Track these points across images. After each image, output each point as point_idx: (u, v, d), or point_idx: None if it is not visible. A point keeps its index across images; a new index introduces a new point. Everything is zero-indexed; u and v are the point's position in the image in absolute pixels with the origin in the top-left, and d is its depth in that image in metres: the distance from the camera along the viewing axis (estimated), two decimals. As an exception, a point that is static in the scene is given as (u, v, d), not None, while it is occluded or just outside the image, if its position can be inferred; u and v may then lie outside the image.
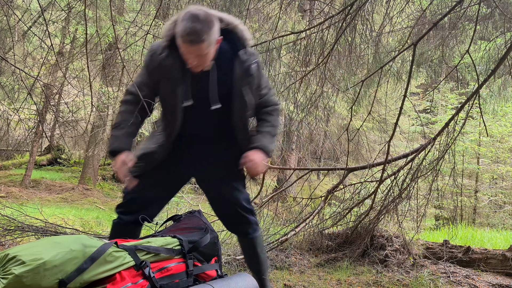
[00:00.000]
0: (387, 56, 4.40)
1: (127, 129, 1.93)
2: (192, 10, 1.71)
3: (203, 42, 1.70)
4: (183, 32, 1.68)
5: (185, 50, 1.73)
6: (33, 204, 5.54)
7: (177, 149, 2.01)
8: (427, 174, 3.69)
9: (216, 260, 1.79)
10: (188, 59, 1.76)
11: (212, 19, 1.73)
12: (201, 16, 1.69)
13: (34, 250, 1.29)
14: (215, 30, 1.74)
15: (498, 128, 11.56)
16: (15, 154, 13.49)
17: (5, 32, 4.68)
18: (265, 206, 4.67)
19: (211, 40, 1.73)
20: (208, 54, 1.76)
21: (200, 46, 1.70)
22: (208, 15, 1.72)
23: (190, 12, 1.70)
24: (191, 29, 1.67)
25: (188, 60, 1.77)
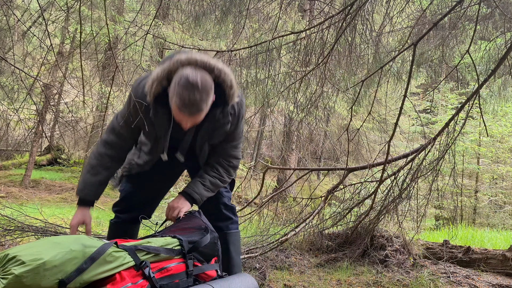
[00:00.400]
0: (387, 56, 4.40)
1: (101, 177, 1.91)
2: (190, 76, 1.60)
3: (202, 112, 1.66)
4: (181, 102, 1.60)
5: (181, 118, 1.68)
6: (33, 204, 5.54)
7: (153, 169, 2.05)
8: (427, 174, 3.69)
9: (216, 260, 1.79)
10: (182, 123, 1.72)
11: (210, 84, 1.65)
12: (199, 84, 1.60)
13: (34, 250, 1.29)
14: (212, 95, 1.68)
15: (498, 128, 11.56)
16: (15, 154, 13.48)
17: (4, 32, 4.68)
18: (265, 206, 4.67)
19: (208, 105, 1.68)
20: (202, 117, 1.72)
21: (198, 115, 1.67)
22: (206, 82, 1.63)
23: (188, 80, 1.60)
24: (190, 101, 1.59)
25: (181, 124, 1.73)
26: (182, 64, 1.66)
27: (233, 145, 1.99)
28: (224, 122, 1.84)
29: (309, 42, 4.32)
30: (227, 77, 1.72)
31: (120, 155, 1.98)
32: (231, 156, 2.02)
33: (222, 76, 1.71)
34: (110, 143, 1.93)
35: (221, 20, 4.36)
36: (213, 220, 2.11)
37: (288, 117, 10.45)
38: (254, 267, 3.19)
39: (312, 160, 13.66)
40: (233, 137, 1.96)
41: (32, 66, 6.85)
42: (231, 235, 2.14)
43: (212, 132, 1.88)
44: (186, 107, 1.61)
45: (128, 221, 2.11)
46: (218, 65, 1.71)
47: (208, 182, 1.97)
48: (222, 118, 1.83)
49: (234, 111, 1.87)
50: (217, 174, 2.00)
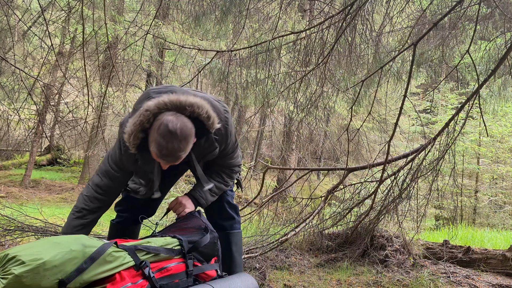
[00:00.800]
0: (387, 56, 4.40)
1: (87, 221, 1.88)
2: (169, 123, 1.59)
3: (180, 158, 1.66)
4: (158, 152, 1.60)
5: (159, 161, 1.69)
6: (33, 204, 5.54)
7: None
8: (427, 174, 3.69)
9: (216, 260, 1.79)
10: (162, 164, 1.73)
11: (190, 131, 1.64)
12: (178, 132, 1.59)
13: (34, 250, 1.29)
14: (192, 140, 1.67)
15: (498, 128, 11.56)
16: (15, 154, 13.49)
17: (5, 32, 4.68)
18: (265, 206, 4.67)
19: (188, 150, 1.68)
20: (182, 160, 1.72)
21: (176, 162, 1.67)
22: (186, 128, 1.62)
23: (167, 128, 1.58)
24: (167, 149, 1.59)
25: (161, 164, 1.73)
26: (152, 112, 1.63)
27: (230, 157, 2.01)
28: (212, 149, 1.86)
29: (309, 42, 4.32)
30: (201, 110, 1.69)
31: (110, 200, 1.95)
32: (231, 165, 2.05)
33: (196, 111, 1.68)
34: (102, 187, 1.89)
35: (221, 20, 4.36)
36: (217, 219, 2.13)
37: (288, 117, 10.45)
38: (254, 267, 3.19)
39: (312, 160, 13.66)
40: (226, 153, 1.97)
41: (33, 66, 6.86)
42: (233, 235, 2.15)
43: (202, 157, 1.90)
44: (164, 157, 1.62)
45: (129, 221, 2.12)
46: (189, 100, 1.67)
47: (214, 188, 2.00)
48: (208, 147, 1.84)
49: (220, 133, 1.86)
50: (222, 180, 2.03)
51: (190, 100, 1.68)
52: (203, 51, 4.95)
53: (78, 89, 5.20)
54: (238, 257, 2.17)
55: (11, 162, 13.11)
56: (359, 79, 4.54)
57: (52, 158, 14.70)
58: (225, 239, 2.10)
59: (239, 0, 4.17)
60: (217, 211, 2.15)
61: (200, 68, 4.57)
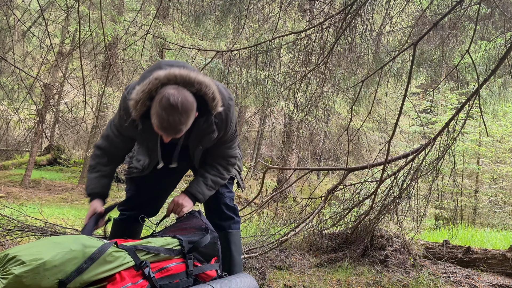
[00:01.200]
0: (387, 56, 4.40)
1: (101, 172, 1.96)
2: (171, 96, 1.60)
3: (181, 132, 1.67)
4: (160, 124, 1.62)
5: (160, 134, 1.70)
6: (33, 204, 5.53)
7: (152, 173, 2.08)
8: (427, 174, 3.69)
9: (216, 260, 1.79)
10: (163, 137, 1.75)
11: (191, 106, 1.65)
12: (180, 106, 1.60)
13: (34, 250, 1.28)
14: (193, 115, 1.68)
15: (498, 128, 11.56)
16: (15, 154, 13.49)
17: (5, 32, 4.67)
18: (265, 206, 4.67)
19: (189, 125, 1.69)
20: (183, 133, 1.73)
21: (178, 135, 1.69)
22: (187, 102, 1.63)
23: (168, 101, 1.59)
24: (168, 122, 1.61)
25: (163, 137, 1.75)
26: (161, 82, 1.65)
27: (227, 146, 2.01)
28: (209, 132, 1.86)
29: (309, 42, 4.32)
30: (208, 89, 1.71)
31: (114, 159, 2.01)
32: (228, 156, 2.04)
33: (203, 89, 1.70)
34: (103, 149, 1.98)
35: (221, 20, 4.36)
36: (215, 220, 2.13)
37: (288, 117, 10.45)
38: (254, 267, 3.19)
39: (312, 160, 13.66)
40: (225, 140, 1.97)
41: (32, 66, 6.85)
42: (232, 235, 2.16)
43: (200, 139, 1.90)
44: (164, 129, 1.64)
45: (132, 219, 2.11)
46: (199, 78, 1.69)
47: (210, 181, 2.00)
48: (207, 128, 1.84)
49: (221, 117, 1.86)
50: (218, 173, 2.03)
51: (200, 78, 1.71)
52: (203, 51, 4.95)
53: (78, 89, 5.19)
54: (238, 257, 2.17)
55: (11, 162, 13.11)
56: (359, 79, 4.54)
57: (52, 158, 14.69)
58: (224, 238, 2.10)
59: (239, 0, 4.17)
60: (216, 213, 2.15)
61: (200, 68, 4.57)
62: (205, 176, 2.00)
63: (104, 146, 1.97)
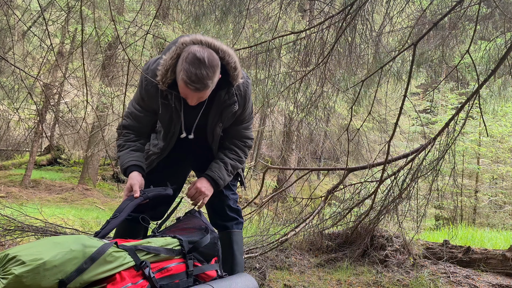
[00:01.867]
0: (387, 56, 4.40)
1: (131, 148, 1.95)
2: (197, 52, 1.64)
3: (208, 88, 1.68)
4: (187, 78, 1.64)
5: (187, 93, 1.71)
6: (33, 204, 5.54)
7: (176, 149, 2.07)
8: (427, 174, 3.69)
9: (216, 261, 1.79)
10: (188, 98, 1.75)
11: (216, 62, 1.68)
12: (206, 60, 1.64)
13: (34, 250, 1.28)
14: (218, 72, 1.71)
15: (498, 128, 11.56)
16: (15, 154, 13.49)
17: (5, 32, 4.68)
18: (265, 206, 4.68)
19: (214, 83, 1.72)
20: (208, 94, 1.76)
21: (205, 92, 1.70)
22: (213, 58, 1.67)
23: (195, 55, 1.63)
24: (196, 76, 1.63)
25: (187, 99, 1.76)
26: (187, 45, 1.70)
27: (244, 126, 2.03)
28: (231, 103, 1.87)
29: (309, 42, 4.32)
30: (231, 58, 1.76)
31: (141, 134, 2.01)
32: (245, 137, 2.06)
33: (226, 58, 1.75)
34: (128, 127, 1.99)
35: (221, 20, 4.36)
36: (217, 220, 2.12)
37: (288, 117, 10.46)
38: (254, 267, 3.19)
39: (312, 160, 13.66)
40: (243, 119, 2.00)
41: (32, 66, 6.85)
42: (234, 234, 2.16)
43: (220, 114, 1.90)
44: (192, 83, 1.64)
45: (137, 220, 2.11)
46: (222, 47, 1.75)
47: (230, 166, 2.01)
48: (228, 99, 1.87)
49: (240, 92, 1.90)
50: (236, 156, 2.03)
51: (223, 46, 1.75)
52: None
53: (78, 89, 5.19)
54: (239, 256, 2.17)
55: (11, 162, 13.11)
56: (359, 79, 4.54)
57: (52, 158, 14.70)
58: (226, 238, 2.10)
59: (239, 0, 4.17)
60: (219, 214, 2.15)
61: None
62: (224, 161, 2.00)
63: (129, 124, 1.98)
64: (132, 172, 1.87)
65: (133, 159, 1.91)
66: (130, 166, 1.89)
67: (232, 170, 2.02)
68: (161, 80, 1.75)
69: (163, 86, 1.76)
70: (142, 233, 2.17)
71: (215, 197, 2.11)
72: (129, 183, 1.85)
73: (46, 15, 4.67)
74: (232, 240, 2.13)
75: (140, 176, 1.88)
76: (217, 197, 2.11)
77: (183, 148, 2.09)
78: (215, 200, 2.11)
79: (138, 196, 1.77)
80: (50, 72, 7.55)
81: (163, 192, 1.85)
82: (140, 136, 2.00)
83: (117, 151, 1.98)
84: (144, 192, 1.80)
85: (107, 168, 14.03)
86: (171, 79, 1.74)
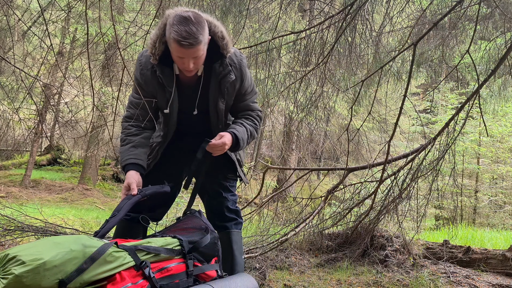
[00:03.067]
0: (387, 56, 4.40)
1: (132, 143, 1.94)
2: (180, 13, 1.68)
3: (200, 43, 1.69)
4: (178, 36, 1.65)
5: (181, 54, 1.71)
6: (33, 204, 5.54)
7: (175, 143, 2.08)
8: (427, 174, 3.69)
9: (216, 261, 1.79)
10: (184, 63, 1.75)
11: (202, 19, 1.73)
12: (192, 17, 1.67)
13: (34, 250, 1.28)
14: (206, 30, 1.74)
15: (498, 128, 11.56)
16: (15, 154, 13.49)
17: (5, 32, 4.68)
18: (265, 206, 4.68)
19: (205, 40, 1.73)
20: (203, 55, 1.76)
21: (198, 48, 1.70)
22: (198, 15, 1.72)
23: (180, 15, 1.67)
24: (186, 32, 1.65)
25: (184, 65, 1.76)
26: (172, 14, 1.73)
27: (250, 99, 2.05)
28: (226, 73, 1.88)
29: (309, 42, 4.32)
30: (217, 28, 1.80)
31: (143, 124, 2.00)
32: (255, 109, 2.08)
33: (212, 28, 1.79)
34: (130, 117, 1.99)
35: (221, 20, 4.35)
36: (216, 221, 2.12)
37: (288, 117, 10.45)
38: (254, 267, 3.19)
39: (312, 160, 13.66)
40: (245, 92, 2.00)
41: (32, 66, 6.85)
42: (234, 234, 2.15)
43: (219, 87, 1.91)
44: (184, 39, 1.65)
45: (137, 220, 2.11)
46: (208, 17, 1.78)
47: (249, 131, 1.99)
48: (223, 70, 1.88)
49: (234, 64, 1.91)
50: (253, 123, 2.04)
51: (209, 17, 1.79)
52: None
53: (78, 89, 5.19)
54: (239, 256, 2.16)
55: (11, 162, 13.12)
56: (359, 79, 4.54)
57: (52, 158, 14.71)
58: (225, 238, 2.10)
59: (239, 0, 4.17)
60: (217, 215, 2.13)
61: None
62: (244, 124, 1.99)
63: (131, 113, 1.99)
64: (129, 171, 1.87)
65: (132, 156, 1.91)
66: (128, 165, 1.89)
67: (250, 136, 2.01)
68: (151, 52, 1.78)
69: (154, 59, 1.79)
70: (142, 233, 2.17)
71: (214, 199, 2.11)
72: (126, 182, 1.84)
73: (46, 15, 4.67)
74: (232, 240, 2.13)
75: (138, 174, 1.88)
76: (216, 199, 2.10)
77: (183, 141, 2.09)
78: (214, 202, 2.10)
79: (136, 194, 1.76)
80: (50, 72, 7.55)
81: (160, 189, 1.85)
82: (143, 128, 1.99)
83: (120, 145, 2.00)
84: (141, 190, 1.80)
85: (107, 168, 14.03)
86: (160, 50, 1.77)
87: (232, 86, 1.93)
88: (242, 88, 1.98)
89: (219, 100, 1.94)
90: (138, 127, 1.98)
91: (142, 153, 1.94)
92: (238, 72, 1.93)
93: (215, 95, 1.93)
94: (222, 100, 1.94)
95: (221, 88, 1.91)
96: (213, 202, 2.09)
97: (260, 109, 2.12)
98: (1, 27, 4.63)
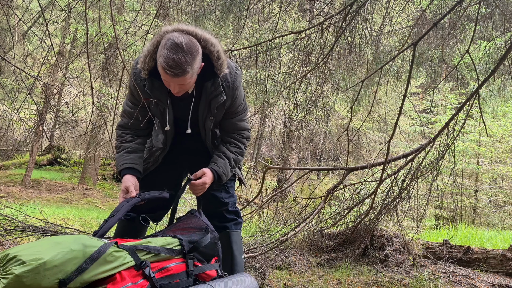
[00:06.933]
0: (387, 56, 4.40)
1: (127, 149, 1.95)
2: (175, 38, 1.64)
3: (186, 74, 1.66)
4: (165, 64, 1.62)
5: (167, 79, 1.70)
6: (33, 204, 5.54)
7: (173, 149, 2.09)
8: (427, 174, 3.69)
9: (216, 260, 1.79)
10: (170, 87, 1.74)
11: (196, 48, 1.67)
12: (184, 46, 1.62)
13: (34, 250, 1.28)
14: (198, 59, 1.69)
15: (498, 128, 11.57)
16: (15, 154, 13.49)
17: (5, 32, 4.68)
18: (265, 206, 4.68)
19: (194, 70, 1.69)
20: (190, 82, 1.74)
21: (183, 78, 1.67)
22: (192, 44, 1.66)
23: (173, 41, 1.63)
24: (174, 61, 1.61)
25: (169, 87, 1.76)
26: (168, 33, 1.71)
27: (238, 118, 2.03)
28: (217, 94, 1.86)
29: (309, 42, 4.32)
30: (213, 47, 1.76)
31: (137, 133, 2.01)
32: (241, 129, 2.06)
33: (208, 46, 1.75)
34: (124, 126, 2.00)
35: (221, 20, 4.36)
36: (215, 222, 2.12)
37: (288, 117, 10.45)
38: (254, 267, 3.19)
39: (312, 160, 13.67)
40: (234, 110, 1.98)
41: (33, 66, 6.85)
42: (233, 234, 2.15)
43: (209, 106, 1.90)
44: (170, 68, 1.63)
45: (137, 220, 2.12)
46: (205, 35, 1.74)
47: (233, 161, 2.00)
48: (214, 90, 1.86)
49: (227, 83, 1.89)
50: (237, 149, 2.03)
51: (206, 35, 1.75)
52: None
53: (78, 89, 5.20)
54: (239, 256, 2.17)
55: (11, 162, 13.12)
56: (359, 79, 4.54)
57: (52, 158, 14.70)
58: (225, 238, 2.10)
59: (239, 0, 4.18)
60: (216, 217, 2.13)
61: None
62: (227, 155, 1.99)
63: (124, 122, 1.99)
64: (126, 175, 1.88)
65: (127, 161, 1.91)
66: (124, 169, 1.90)
67: (234, 164, 2.02)
68: (141, 67, 1.77)
69: (144, 73, 1.78)
70: (142, 233, 2.17)
71: (213, 202, 2.11)
72: (124, 185, 1.85)
73: (46, 15, 4.67)
74: (231, 240, 2.13)
75: (134, 178, 1.89)
76: (215, 202, 2.10)
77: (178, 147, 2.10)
78: (212, 205, 2.10)
79: (135, 196, 1.77)
80: (50, 72, 7.55)
81: (159, 195, 1.85)
82: (136, 135, 2.00)
83: (116, 152, 2.00)
84: (140, 193, 1.80)
85: (107, 168, 14.03)
86: (149, 65, 1.75)
87: (222, 107, 1.93)
88: (232, 106, 1.96)
89: (208, 119, 1.94)
90: (131, 134, 1.99)
91: (137, 158, 1.95)
92: (230, 92, 1.90)
93: (204, 113, 1.93)
94: (211, 118, 1.94)
95: (211, 108, 1.91)
96: (212, 205, 2.09)
97: (249, 128, 2.10)
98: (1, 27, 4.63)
